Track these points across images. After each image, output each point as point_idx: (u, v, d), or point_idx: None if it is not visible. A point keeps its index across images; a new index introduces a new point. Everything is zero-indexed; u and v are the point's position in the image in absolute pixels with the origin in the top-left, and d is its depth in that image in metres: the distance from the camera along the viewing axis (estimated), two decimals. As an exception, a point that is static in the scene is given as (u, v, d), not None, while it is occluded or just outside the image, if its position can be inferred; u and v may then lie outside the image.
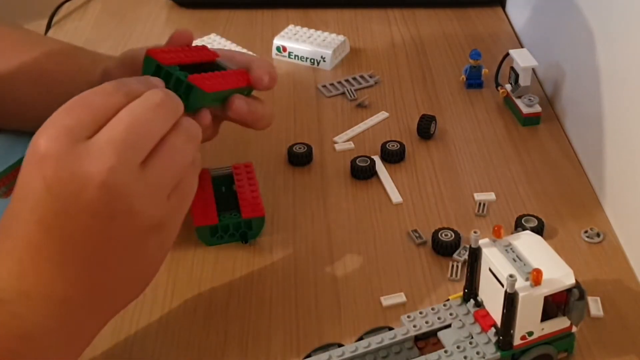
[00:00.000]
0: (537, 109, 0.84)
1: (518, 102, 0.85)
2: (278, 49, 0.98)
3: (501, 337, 0.53)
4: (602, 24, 0.76)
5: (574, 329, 0.55)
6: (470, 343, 0.54)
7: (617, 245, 0.68)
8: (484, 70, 0.91)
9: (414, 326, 0.56)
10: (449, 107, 0.88)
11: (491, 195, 0.74)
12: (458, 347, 0.53)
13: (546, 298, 0.52)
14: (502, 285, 0.52)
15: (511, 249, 0.54)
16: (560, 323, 0.54)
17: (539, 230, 0.68)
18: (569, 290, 0.52)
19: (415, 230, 0.70)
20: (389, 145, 0.79)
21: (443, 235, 0.67)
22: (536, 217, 0.69)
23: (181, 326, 0.61)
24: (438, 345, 0.55)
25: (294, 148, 0.79)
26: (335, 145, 0.82)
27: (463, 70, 0.92)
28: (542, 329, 0.53)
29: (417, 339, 0.56)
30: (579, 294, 0.52)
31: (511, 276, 0.50)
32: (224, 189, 0.72)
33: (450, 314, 0.56)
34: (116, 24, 1.09)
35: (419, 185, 0.76)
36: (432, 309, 0.57)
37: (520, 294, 0.51)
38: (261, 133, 0.83)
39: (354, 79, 0.93)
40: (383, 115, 0.87)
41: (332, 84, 0.92)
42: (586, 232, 0.69)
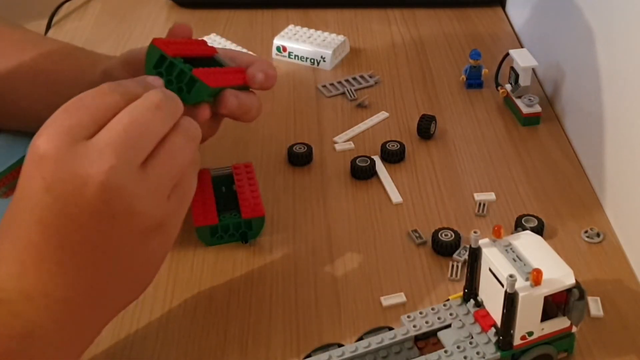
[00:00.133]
0: (537, 109, 0.84)
1: (518, 102, 0.85)
2: (278, 49, 0.98)
3: (501, 337, 0.53)
4: (602, 23, 0.76)
5: (574, 329, 0.55)
6: (470, 343, 0.54)
7: (617, 245, 0.68)
8: (484, 70, 0.91)
9: (414, 326, 0.56)
10: (449, 107, 0.88)
11: (491, 195, 0.74)
12: (458, 347, 0.53)
13: (546, 298, 0.52)
14: (502, 285, 0.52)
15: (511, 249, 0.54)
16: (560, 323, 0.54)
17: (539, 230, 0.68)
18: (569, 290, 0.52)
19: (415, 230, 0.70)
20: (389, 145, 0.79)
21: (443, 235, 0.67)
22: (536, 217, 0.69)
23: (181, 326, 0.61)
24: (438, 345, 0.55)
25: (294, 148, 0.79)
26: (335, 145, 0.82)
27: (463, 70, 0.92)
28: (542, 329, 0.53)
29: (417, 339, 0.56)
30: (579, 294, 0.52)
31: (511, 276, 0.50)
32: (224, 189, 0.72)
33: (450, 314, 0.56)
34: (116, 24, 1.09)
35: (419, 185, 0.76)
36: (432, 309, 0.57)
37: (520, 294, 0.51)
38: (261, 133, 0.84)
39: (354, 79, 0.93)
40: (383, 115, 0.87)
41: (332, 84, 0.92)
42: (586, 232, 0.69)
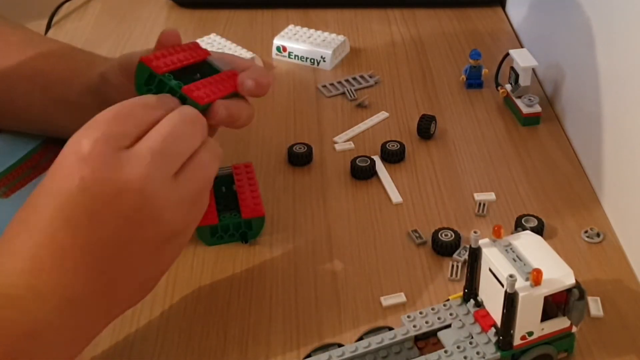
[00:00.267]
0: (537, 109, 0.84)
1: (518, 102, 0.85)
2: (278, 49, 0.98)
3: (501, 337, 0.53)
4: (603, 23, 0.76)
5: (574, 329, 0.55)
6: (470, 343, 0.54)
7: (617, 245, 0.68)
8: (484, 70, 0.91)
9: (414, 326, 0.56)
10: (449, 107, 0.88)
11: (491, 195, 0.74)
12: (458, 347, 0.53)
13: (546, 298, 0.52)
14: (502, 285, 0.52)
15: (511, 249, 0.54)
16: (560, 323, 0.54)
17: (539, 230, 0.68)
18: (569, 290, 0.52)
19: (415, 230, 0.70)
20: (389, 145, 0.79)
21: (443, 235, 0.67)
22: (536, 217, 0.69)
23: (181, 326, 0.61)
24: (438, 345, 0.55)
25: (294, 148, 0.79)
26: (335, 145, 0.82)
27: (463, 70, 0.92)
28: (542, 329, 0.53)
29: (417, 339, 0.56)
30: (579, 294, 0.52)
31: (511, 276, 0.50)
32: (224, 189, 0.72)
33: (450, 314, 0.56)
34: (116, 24, 1.09)
35: (419, 185, 0.76)
36: (432, 309, 0.57)
37: (520, 294, 0.51)
38: (261, 133, 0.84)
39: (354, 79, 0.93)
40: (383, 115, 0.87)
41: (332, 84, 0.92)
42: (586, 232, 0.69)
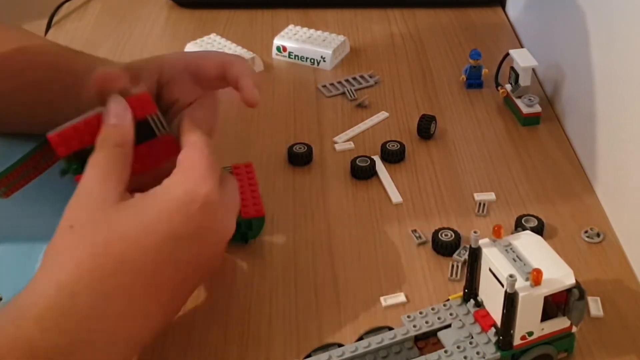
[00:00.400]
0: (537, 109, 0.84)
1: (518, 102, 0.85)
2: (278, 49, 0.99)
3: (501, 337, 0.53)
4: (602, 23, 0.76)
5: (574, 329, 0.55)
6: (470, 343, 0.54)
7: (617, 245, 0.68)
8: (484, 70, 0.91)
9: (414, 326, 0.56)
10: (449, 107, 0.88)
11: (491, 195, 0.74)
12: (458, 347, 0.53)
13: (546, 298, 0.52)
14: (502, 285, 0.52)
15: (511, 249, 0.54)
16: (560, 323, 0.54)
17: (539, 230, 0.68)
18: (569, 290, 0.52)
19: (415, 230, 0.70)
20: (389, 145, 0.79)
21: (443, 235, 0.67)
22: (536, 217, 0.69)
23: (181, 326, 0.61)
24: (438, 345, 0.55)
25: (294, 148, 0.79)
26: (335, 145, 0.82)
27: (463, 70, 0.92)
28: (542, 329, 0.53)
29: (417, 339, 0.56)
30: (579, 294, 0.52)
31: (511, 276, 0.50)
32: (224, 189, 0.71)
33: (450, 314, 0.56)
34: (116, 24, 1.09)
35: (419, 185, 0.76)
36: (432, 309, 0.57)
37: (520, 294, 0.51)
38: (261, 133, 0.84)
39: (354, 79, 0.93)
40: (383, 115, 0.87)
41: (332, 84, 0.92)
42: (586, 232, 0.69)
